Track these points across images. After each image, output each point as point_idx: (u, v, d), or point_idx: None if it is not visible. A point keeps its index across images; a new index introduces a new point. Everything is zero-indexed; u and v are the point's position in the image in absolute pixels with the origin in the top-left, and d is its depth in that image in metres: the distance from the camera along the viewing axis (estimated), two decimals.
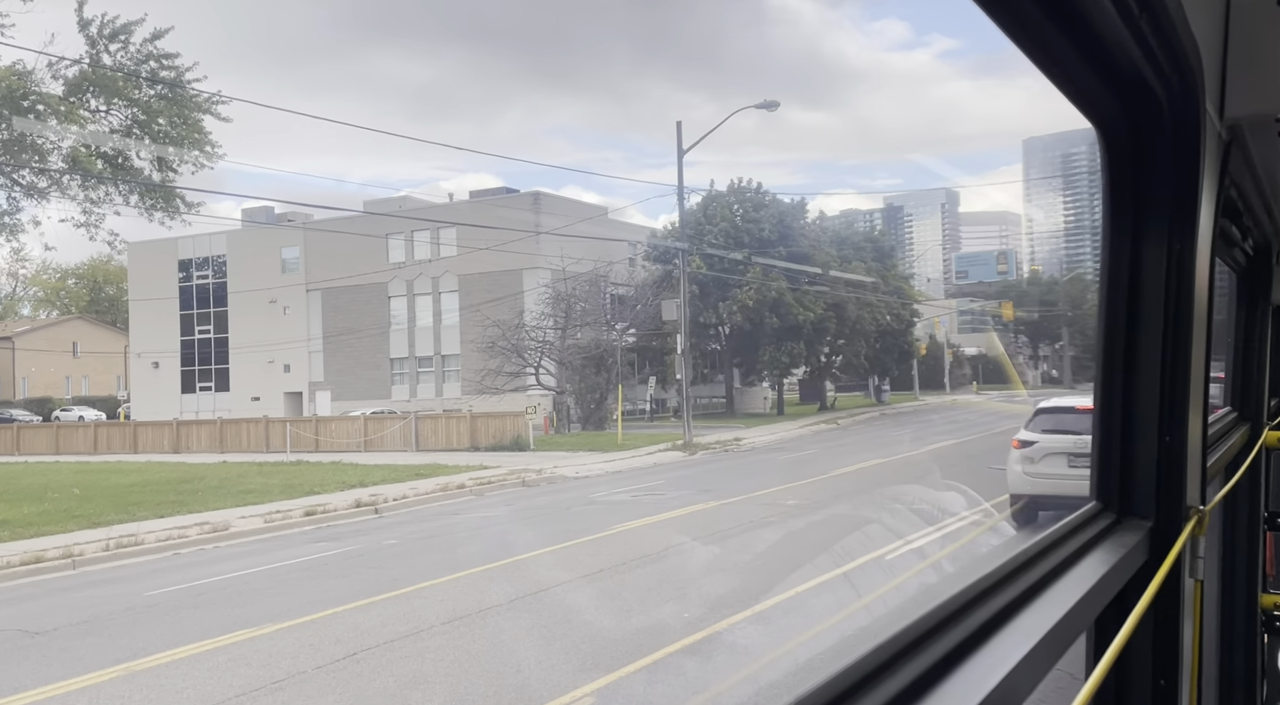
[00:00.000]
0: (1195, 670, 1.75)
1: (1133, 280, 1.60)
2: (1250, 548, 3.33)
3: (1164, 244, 1.57)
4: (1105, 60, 1.29)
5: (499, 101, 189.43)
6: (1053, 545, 1.35)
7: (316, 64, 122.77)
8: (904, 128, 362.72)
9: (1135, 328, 1.61)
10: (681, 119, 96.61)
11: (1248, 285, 3.61)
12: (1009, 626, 1.06)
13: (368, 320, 47.26)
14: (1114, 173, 1.55)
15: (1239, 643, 3.23)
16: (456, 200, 49.14)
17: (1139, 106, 1.45)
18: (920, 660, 0.91)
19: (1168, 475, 1.61)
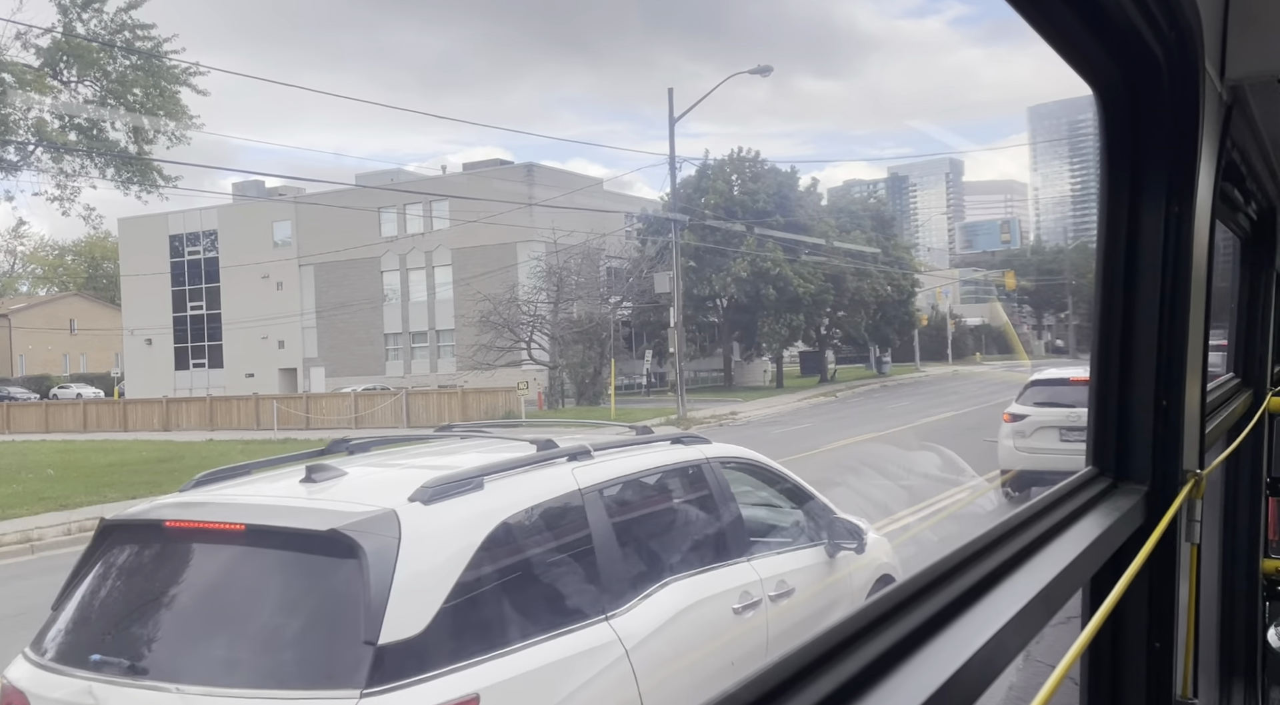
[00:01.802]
0: (1191, 634, 1.72)
1: (1130, 244, 1.59)
2: (1252, 513, 3.34)
3: (1162, 208, 1.55)
4: (1102, 19, 1.27)
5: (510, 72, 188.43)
6: (1048, 508, 1.36)
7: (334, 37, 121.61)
8: (914, 96, 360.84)
9: (1132, 292, 1.60)
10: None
11: (1251, 250, 3.57)
12: (1005, 583, 1.10)
13: (361, 295, 46.83)
14: (1111, 136, 1.53)
15: (1239, 608, 3.26)
16: (450, 173, 48.53)
17: (1137, 67, 1.43)
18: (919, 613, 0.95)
19: (1164, 440, 1.61)
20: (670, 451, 5.10)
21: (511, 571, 3.93)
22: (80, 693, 3.53)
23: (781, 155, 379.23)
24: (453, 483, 3.74)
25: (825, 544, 5.47)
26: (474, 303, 38.22)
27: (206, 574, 3.89)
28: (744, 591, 4.72)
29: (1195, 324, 1.66)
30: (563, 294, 38.19)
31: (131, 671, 3.56)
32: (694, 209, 39.21)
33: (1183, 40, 1.38)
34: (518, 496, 4.00)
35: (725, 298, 42.22)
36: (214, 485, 4.21)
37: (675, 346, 31.11)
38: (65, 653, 3.79)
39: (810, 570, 5.31)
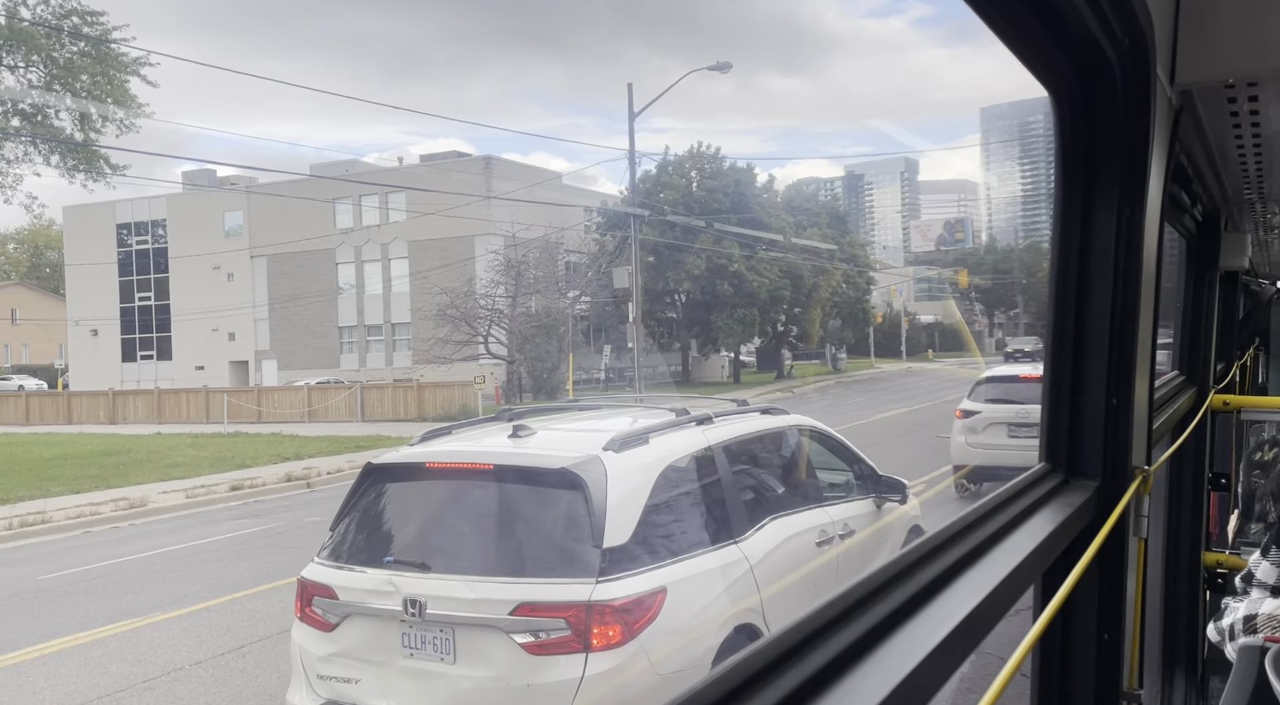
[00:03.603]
0: (1138, 627, 1.75)
1: (1084, 244, 1.61)
2: (1194, 508, 3.39)
3: (1114, 209, 1.57)
4: (1060, 25, 1.28)
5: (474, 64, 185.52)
6: (1002, 505, 1.38)
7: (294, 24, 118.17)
8: (877, 96, 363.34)
9: (1085, 291, 1.62)
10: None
11: (1196, 252, 3.61)
12: (963, 577, 1.11)
13: (315, 287, 46.05)
14: (1066, 137, 1.54)
15: (1182, 599, 3.31)
16: (407, 164, 47.90)
17: (1091, 71, 1.44)
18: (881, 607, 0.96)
19: (1114, 437, 1.63)
20: (763, 420, 6.34)
21: (676, 502, 5.18)
22: (382, 583, 4.72)
23: (745, 152, 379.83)
24: (630, 437, 5.02)
25: (874, 497, 6.68)
26: (431, 296, 37.79)
27: (468, 498, 5.13)
28: (821, 530, 5.92)
29: (1144, 324, 1.68)
30: (521, 288, 37.92)
31: (421, 567, 4.80)
32: (653, 204, 39.15)
33: (1136, 46, 1.40)
34: (672, 448, 5.25)
35: (683, 293, 42.24)
36: (436, 441, 5.48)
37: (634, 341, 31.07)
38: (357, 557, 5.02)
39: (865, 517, 6.50)
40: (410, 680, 4.66)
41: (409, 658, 4.63)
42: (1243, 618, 2.04)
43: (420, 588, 4.61)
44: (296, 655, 5.05)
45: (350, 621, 4.83)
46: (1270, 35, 1.54)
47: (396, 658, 4.66)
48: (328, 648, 4.85)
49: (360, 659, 4.79)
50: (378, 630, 4.75)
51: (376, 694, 4.74)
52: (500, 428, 5.54)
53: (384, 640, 4.71)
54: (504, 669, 4.48)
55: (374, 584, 4.74)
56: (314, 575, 4.98)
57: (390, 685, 4.72)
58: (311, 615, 4.94)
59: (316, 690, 4.89)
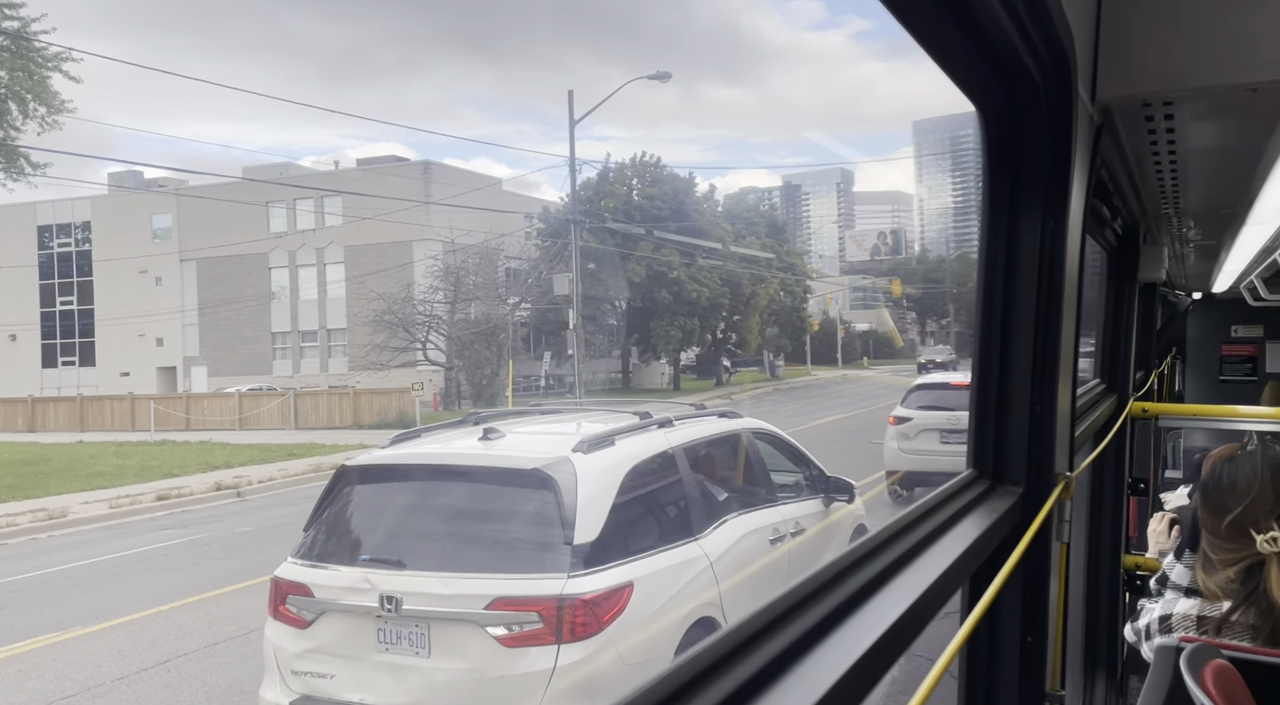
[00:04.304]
0: (1060, 629, 1.77)
1: (1009, 256, 1.62)
2: (1115, 512, 3.46)
3: (1038, 222, 1.60)
4: (987, 43, 1.30)
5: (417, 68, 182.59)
6: (932, 510, 1.40)
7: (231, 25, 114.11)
8: (815, 107, 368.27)
9: (1011, 303, 1.64)
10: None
11: (1117, 263, 3.70)
12: (893, 583, 1.13)
13: (247, 292, 44.92)
14: (992, 152, 1.57)
15: (1103, 601, 3.39)
16: (344, 168, 47.10)
17: (1016, 87, 1.47)
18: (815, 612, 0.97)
19: (1037, 444, 1.65)
20: (720, 423, 6.58)
21: (641, 501, 5.43)
22: (358, 580, 4.86)
23: (687, 161, 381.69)
24: (597, 439, 5.22)
25: (822, 496, 7.03)
26: (368, 301, 37.17)
27: (442, 498, 5.31)
28: (775, 528, 6.23)
29: (1067, 334, 1.72)
30: (460, 294, 37.55)
31: (397, 565, 4.94)
32: (594, 212, 39.14)
33: (1058, 65, 1.44)
34: (637, 450, 5.47)
35: (624, 300, 42.28)
36: (408, 443, 5.65)
37: (574, 348, 30.99)
38: (333, 555, 5.17)
39: (815, 516, 6.84)
40: (385, 674, 4.78)
41: (384, 652, 4.78)
42: (1158, 618, 2.10)
43: (396, 584, 4.77)
44: (270, 652, 5.10)
45: (325, 618, 4.96)
46: (1183, 58, 1.60)
47: (372, 652, 4.80)
48: (303, 644, 4.96)
49: (335, 654, 4.91)
50: (353, 626, 4.88)
51: (351, 688, 4.86)
52: (469, 431, 5.77)
53: (359, 636, 4.85)
54: (479, 661, 4.65)
55: (350, 581, 4.89)
56: (288, 574, 5.09)
57: (365, 679, 4.84)
58: (286, 613, 5.03)
59: (290, 686, 4.98)
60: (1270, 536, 1.87)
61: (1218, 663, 1.82)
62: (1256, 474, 1.96)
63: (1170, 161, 2.52)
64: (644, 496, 5.47)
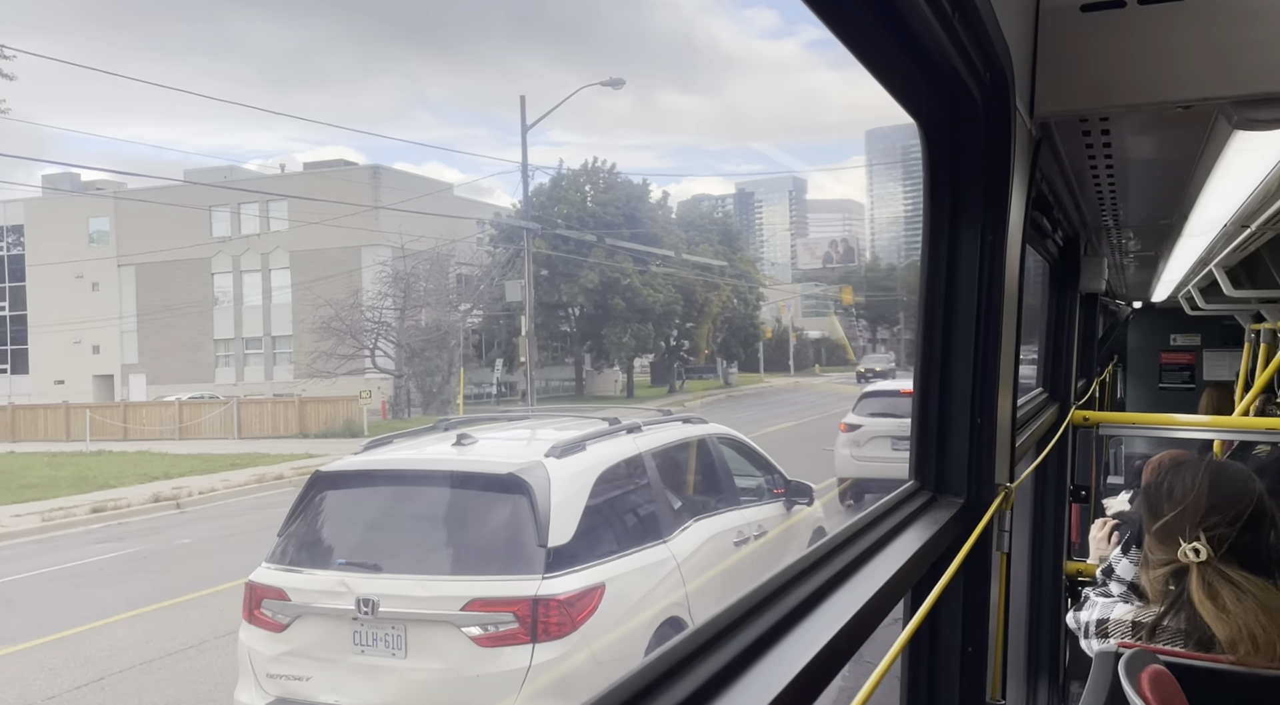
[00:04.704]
0: (1001, 637, 1.77)
1: (950, 269, 1.64)
2: (1057, 519, 3.51)
3: (978, 235, 1.62)
4: (924, 58, 1.32)
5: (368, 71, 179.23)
6: (875, 522, 1.41)
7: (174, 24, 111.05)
8: (769, 116, 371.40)
9: (951, 315, 1.65)
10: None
11: (1058, 275, 3.75)
12: (839, 591, 1.15)
13: (189, 298, 43.85)
14: (933, 166, 1.60)
15: (1046, 607, 3.43)
16: (289, 172, 46.33)
17: (956, 104, 1.49)
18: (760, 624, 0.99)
19: (978, 455, 1.66)
20: (685, 428, 6.81)
21: (611, 504, 5.63)
22: (334, 584, 4.97)
23: (642, 167, 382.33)
24: (569, 444, 5.39)
25: (784, 500, 7.28)
26: (314, 308, 36.56)
27: (418, 502, 5.43)
28: (739, 530, 6.45)
29: (1007, 345, 1.73)
30: (410, 300, 37.12)
31: (373, 568, 5.09)
32: (547, 218, 39.00)
33: (997, 82, 1.46)
34: (607, 455, 5.67)
35: (577, 307, 42.19)
36: (381, 449, 5.81)
37: (526, 355, 30.82)
38: (308, 560, 5.28)
39: (776, 518, 7.10)
40: (361, 675, 4.90)
41: (360, 654, 4.89)
42: (1096, 621, 2.12)
43: (373, 587, 4.89)
44: (245, 656, 5.17)
45: (301, 621, 5.05)
46: (1117, 77, 1.62)
47: (348, 655, 4.91)
48: (278, 647, 5.04)
49: (311, 657, 5.01)
50: (329, 629, 4.99)
51: (327, 690, 4.96)
52: (440, 437, 5.89)
53: (335, 638, 4.96)
54: (455, 661, 4.79)
55: (327, 585, 5.01)
56: (264, 578, 5.19)
57: (341, 681, 4.94)
58: (261, 617, 5.12)
59: (265, 688, 5.06)
60: (1192, 547, 1.91)
61: (1154, 668, 1.85)
62: (1195, 484, 1.99)
63: (1108, 175, 2.56)
64: (614, 500, 5.68)
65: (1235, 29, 1.52)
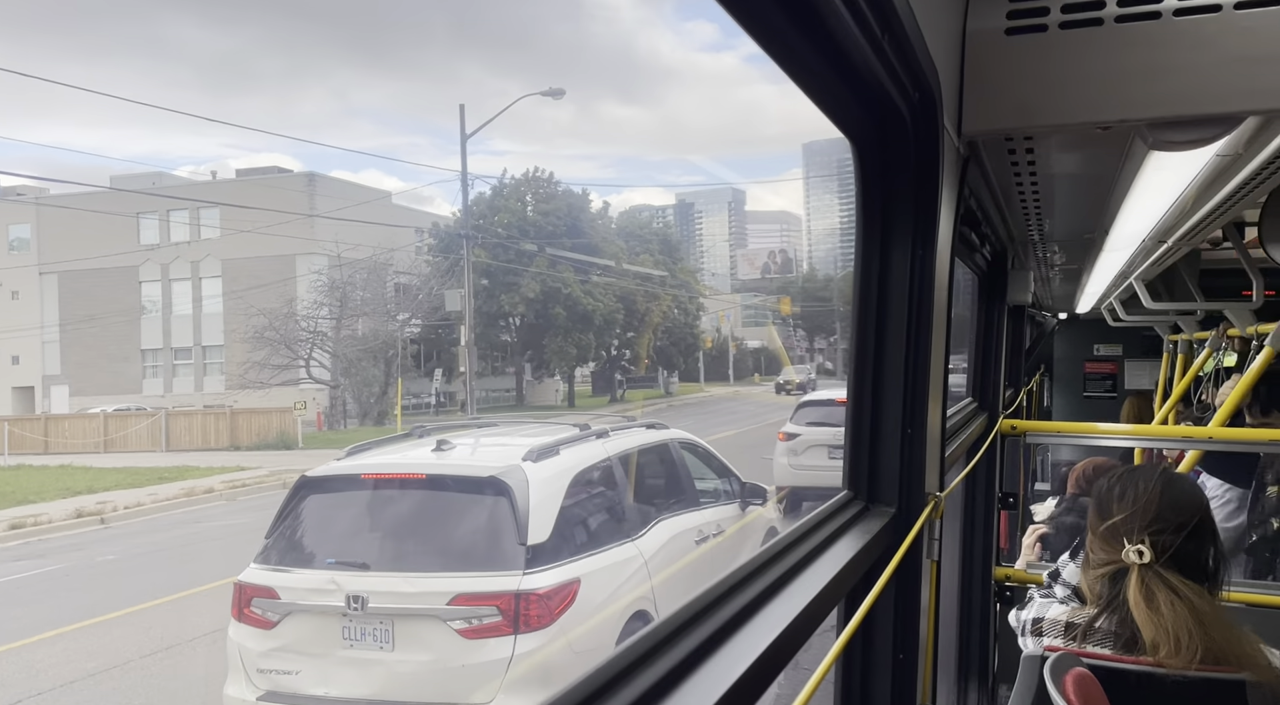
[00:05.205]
0: (931, 643, 1.80)
1: (881, 282, 1.67)
2: (986, 525, 3.57)
3: (909, 249, 1.65)
4: (855, 78, 1.34)
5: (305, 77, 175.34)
6: (812, 530, 1.43)
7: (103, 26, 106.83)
8: (710, 127, 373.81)
9: (883, 328, 1.68)
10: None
11: (987, 287, 3.83)
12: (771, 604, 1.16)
13: (114, 307, 42.46)
14: (865, 182, 1.62)
15: (975, 613, 3.50)
16: (221, 179, 45.25)
17: (886, 122, 1.53)
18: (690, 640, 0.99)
19: (908, 465, 1.69)
20: (649, 434, 7.28)
21: (584, 505, 5.99)
22: (324, 582, 5.23)
23: (584, 177, 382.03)
24: (544, 449, 5.75)
25: (740, 501, 7.72)
26: (247, 317, 35.72)
27: (403, 504, 5.69)
28: (699, 529, 6.88)
29: (936, 357, 1.77)
30: (346, 310, 36.51)
31: (361, 566, 5.38)
32: (488, 227, 38.75)
33: (925, 101, 1.50)
34: (580, 458, 6.04)
35: (518, 317, 41.95)
36: (362, 455, 6.06)
37: (466, 365, 30.52)
38: (297, 560, 5.54)
39: (733, 518, 7.56)
40: (350, 669, 5.15)
41: (349, 648, 5.15)
42: (1032, 620, 2.19)
43: (362, 585, 5.16)
44: (235, 652, 5.38)
45: (291, 618, 5.30)
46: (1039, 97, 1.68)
47: (336, 649, 5.16)
48: (268, 644, 5.27)
49: (300, 652, 5.24)
50: (318, 625, 5.24)
51: (316, 683, 5.19)
52: (417, 443, 6.26)
53: (325, 633, 5.21)
54: (441, 652, 5.08)
55: (317, 583, 5.27)
56: (253, 578, 5.44)
57: (330, 674, 5.18)
58: (251, 615, 5.35)
59: (256, 683, 5.27)
60: (1136, 548, 1.97)
61: (1078, 671, 1.91)
62: (1147, 489, 2.05)
63: (1033, 191, 2.63)
64: (587, 501, 6.06)
65: (1152, 54, 1.58)
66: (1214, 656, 1.90)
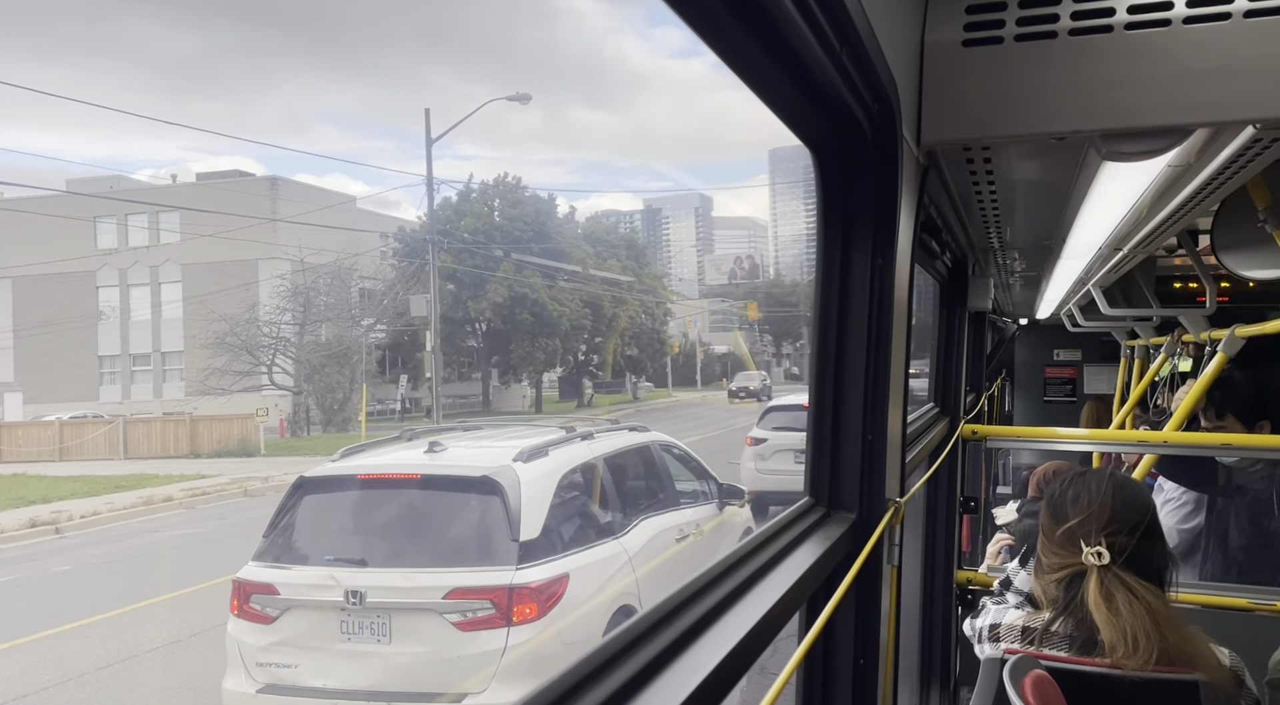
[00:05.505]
0: (891, 648, 1.81)
1: (842, 290, 1.68)
2: (948, 529, 3.61)
3: (869, 256, 1.66)
4: (815, 90, 1.35)
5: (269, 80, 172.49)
6: (774, 536, 1.44)
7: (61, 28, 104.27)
8: (677, 133, 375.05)
9: (844, 335, 1.69)
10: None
11: (948, 294, 3.89)
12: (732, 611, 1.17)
13: (70, 313, 41.60)
14: (825, 191, 1.63)
15: (937, 617, 3.53)
16: (181, 183, 44.58)
17: (846, 133, 1.54)
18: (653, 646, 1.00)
19: (869, 471, 1.70)
20: (632, 436, 7.54)
21: (572, 503, 6.24)
22: (323, 578, 5.43)
23: (552, 183, 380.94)
24: (534, 450, 6.01)
25: (718, 500, 8.09)
26: (208, 323, 35.19)
27: (399, 503, 5.89)
28: (680, 528, 7.20)
29: (896, 363, 1.78)
30: (310, 315, 36.09)
31: (360, 563, 5.58)
32: (454, 232, 38.53)
33: (884, 112, 1.51)
34: (567, 459, 6.31)
35: (484, 322, 41.74)
36: (356, 456, 6.29)
37: (432, 371, 30.30)
38: (295, 557, 5.76)
39: (711, 517, 7.89)
40: (348, 661, 5.34)
41: (347, 641, 5.34)
42: (989, 626, 2.21)
43: (360, 580, 5.36)
44: (234, 647, 5.58)
45: (290, 613, 5.49)
46: (996, 108, 1.70)
47: (335, 642, 5.35)
48: (267, 638, 5.46)
49: (299, 646, 5.43)
50: (317, 620, 5.43)
51: (315, 675, 5.37)
52: (409, 445, 6.51)
53: (323, 628, 5.40)
54: (437, 644, 5.28)
55: (316, 579, 5.46)
56: (252, 575, 5.64)
57: (328, 667, 5.37)
58: (250, 611, 5.55)
59: (255, 677, 5.46)
60: (1095, 550, 2.01)
61: (1036, 673, 1.93)
62: (1100, 492, 2.09)
63: (992, 200, 2.67)
64: (574, 499, 6.31)
65: (1105, 66, 1.61)
66: (1169, 657, 1.93)
